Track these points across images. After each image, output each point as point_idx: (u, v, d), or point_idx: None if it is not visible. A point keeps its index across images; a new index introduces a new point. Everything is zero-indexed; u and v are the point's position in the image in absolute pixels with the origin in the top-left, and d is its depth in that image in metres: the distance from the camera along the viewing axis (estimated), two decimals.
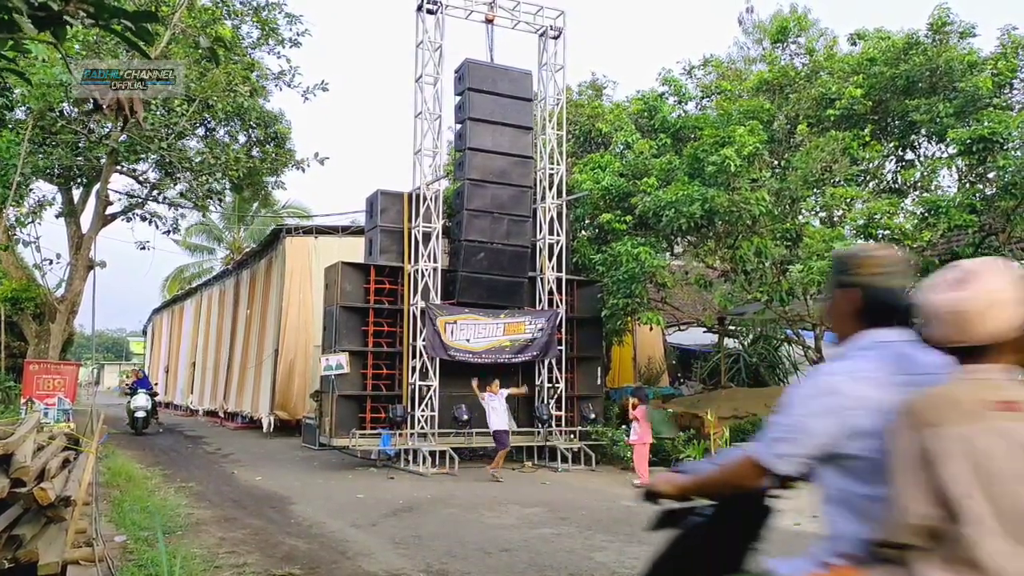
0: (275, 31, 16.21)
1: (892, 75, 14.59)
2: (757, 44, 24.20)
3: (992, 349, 1.88)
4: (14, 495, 5.75)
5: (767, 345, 21.55)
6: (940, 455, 1.79)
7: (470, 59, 14.47)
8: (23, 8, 2.06)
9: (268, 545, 7.28)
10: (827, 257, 12.36)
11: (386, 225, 14.61)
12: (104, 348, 78.68)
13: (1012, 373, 1.89)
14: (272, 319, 20.73)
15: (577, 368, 15.54)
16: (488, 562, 6.71)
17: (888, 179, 16.03)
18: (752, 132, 13.21)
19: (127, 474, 10.77)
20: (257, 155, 17.89)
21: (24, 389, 13.30)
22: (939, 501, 1.78)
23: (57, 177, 17.09)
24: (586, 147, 18.78)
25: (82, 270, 17.42)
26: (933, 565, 1.79)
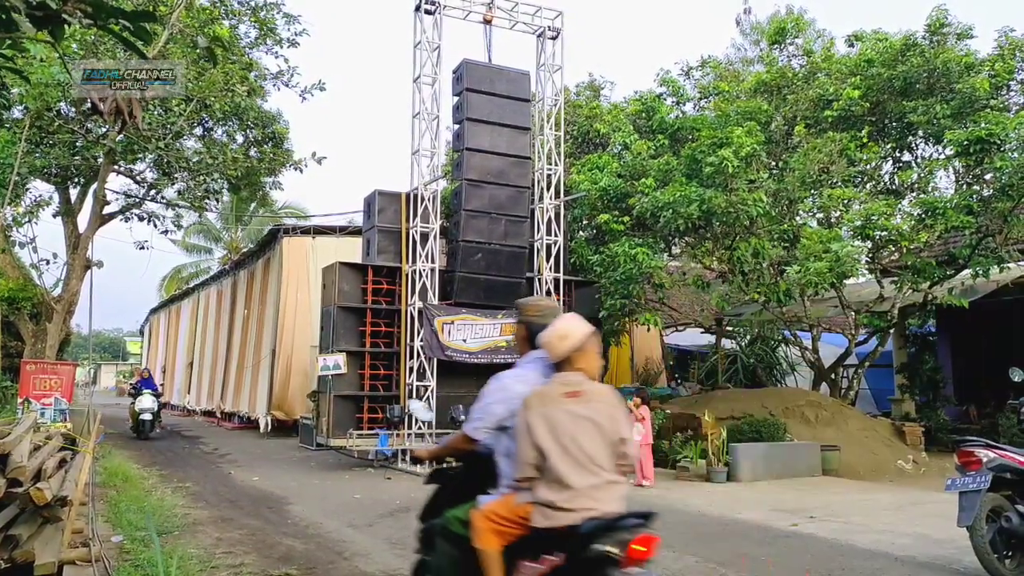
0: (273, 31, 16.19)
1: (889, 76, 14.62)
2: (755, 45, 24.26)
3: (566, 362, 3.44)
4: (11, 495, 5.76)
5: (764, 346, 21.58)
6: (533, 424, 3.30)
7: (468, 59, 14.46)
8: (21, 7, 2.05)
9: (265, 545, 7.28)
10: (824, 258, 12.39)
11: (384, 225, 14.60)
12: (101, 348, 78.58)
13: (580, 375, 3.42)
14: (269, 319, 20.71)
15: None
16: None
17: (885, 180, 16.07)
18: (750, 133, 13.23)
19: (124, 474, 10.75)
20: (255, 155, 17.87)
21: (21, 389, 13.27)
22: (536, 450, 3.29)
23: (54, 177, 17.05)
24: (584, 148, 18.81)
25: (79, 270, 17.38)
26: (540, 485, 3.27)
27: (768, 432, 13.27)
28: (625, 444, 3.39)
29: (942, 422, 16.65)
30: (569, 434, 3.27)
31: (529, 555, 3.29)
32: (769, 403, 14.99)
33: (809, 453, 13.11)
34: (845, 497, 10.78)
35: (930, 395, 17.80)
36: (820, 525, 8.51)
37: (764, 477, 12.28)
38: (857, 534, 7.98)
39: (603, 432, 3.33)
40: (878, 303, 15.31)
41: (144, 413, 18.21)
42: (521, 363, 3.74)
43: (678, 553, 7.04)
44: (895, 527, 8.43)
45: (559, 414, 3.31)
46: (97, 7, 2.12)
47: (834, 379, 17.15)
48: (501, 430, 3.57)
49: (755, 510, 9.54)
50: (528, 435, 3.31)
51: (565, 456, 3.25)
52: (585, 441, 3.28)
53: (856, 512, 9.42)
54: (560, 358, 3.46)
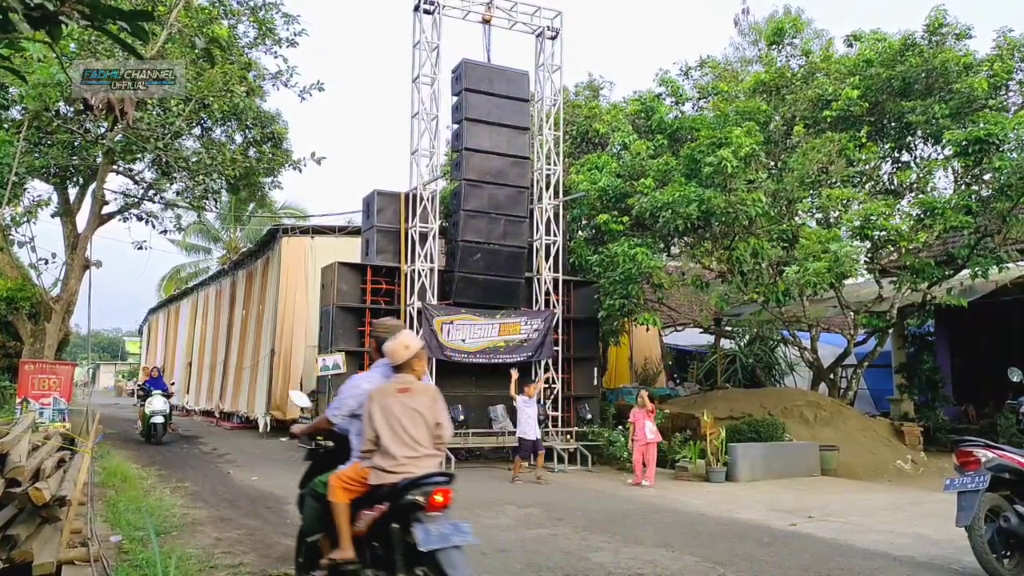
0: (272, 31, 16.17)
1: (888, 76, 14.64)
2: (753, 45, 24.24)
3: (404, 366, 4.61)
4: (9, 495, 5.75)
5: (763, 346, 21.59)
6: (372, 412, 4.47)
7: (467, 59, 14.47)
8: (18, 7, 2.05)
9: (264, 545, 7.26)
10: (823, 258, 12.39)
11: (383, 225, 14.60)
12: (100, 348, 78.51)
13: (412, 376, 4.63)
14: (268, 319, 20.70)
15: (574, 369, 15.55)
16: (484, 562, 6.70)
17: (884, 180, 16.08)
18: (749, 133, 13.23)
19: (122, 474, 10.73)
20: (254, 155, 17.84)
21: (19, 389, 13.26)
22: (374, 430, 4.46)
23: (53, 176, 17.01)
24: (583, 148, 18.81)
25: (78, 270, 17.36)
26: (376, 455, 4.45)
27: (767, 432, 13.28)
28: (441, 428, 4.67)
29: (941, 422, 16.67)
30: (398, 419, 4.53)
31: (366, 506, 4.56)
32: (768, 403, 15.00)
33: (808, 453, 13.12)
34: (844, 497, 10.79)
35: (929, 395, 17.82)
36: (819, 525, 8.52)
37: (763, 477, 12.29)
38: (856, 534, 7.98)
39: (424, 418, 4.60)
40: (877, 303, 15.32)
41: (155, 416, 16.77)
42: (373, 367, 5.01)
43: (677, 553, 7.05)
44: (894, 527, 8.44)
45: (392, 404, 4.56)
46: (94, 7, 2.11)
47: (833, 379, 17.17)
48: (354, 416, 4.77)
49: (754, 510, 9.55)
50: (369, 419, 4.54)
51: (393, 435, 4.50)
52: (409, 425, 4.54)
53: (855, 512, 9.42)
54: (400, 363, 4.66)
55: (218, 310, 27.06)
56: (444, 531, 4.28)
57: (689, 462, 12.74)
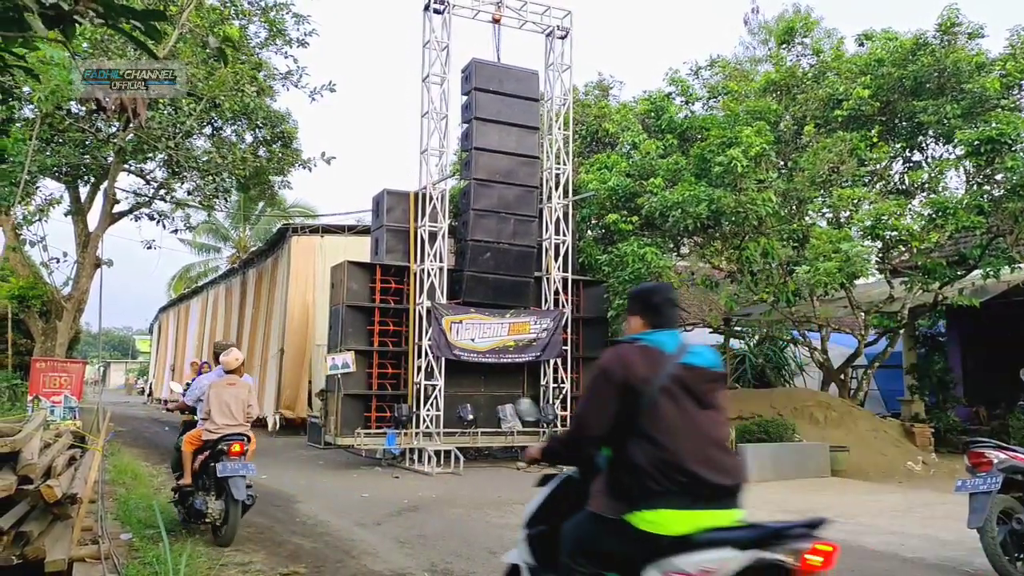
0: (282, 31, 16.21)
1: (900, 76, 14.56)
2: (763, 44, 24.15)
3: (234, 371, 7.82)
4: (21, 492, 5.77)
5: (773, 346, 21.50)
6: (210, 396, 7.62)
7: (477, 59, 14.47)
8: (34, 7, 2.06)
9: (273, 544, 7.29)
10: (834, 258, 12.33)
11: (392, 224, 14.62)
12: (110, 346, 78.93)
13: (236, 376, 7.82)
14: (277, 318, 20.76)
15: (583, 368, 15.53)
16: (493, 562, 6.70)
17: (895, 180, 16.00)
18: (759, 133, 13.19)
19: (132, 472, 10.80)
20: (264, 155, 17.90)
21: (31, 387, 13.34)
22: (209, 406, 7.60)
23: (64, 175, 17.11)
24: (592, 147, 18.78)
25: (89, 268, 17.45)
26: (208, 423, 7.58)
27: (776, 432, 13.23)
28: (251, 408, 7.75)
29: (952, 423, 16.57)
30: (224, 401, 7.57)
31: (202, 453, 7.56)
32: (777, 403, 14.95)
33: (818, 454, 13.07)
34: (854, 498, 10.74)
35: (940, 396, 17.71)
36: (829, 526, 8.47)
37: (772, 477, 12.24)
38: (866, 535, 7.94)
39: (241, 402, 7.65)
40: (888, 303, 15.24)
41: None
42: (213, 371, 8.37)
43: None
44: (904, 528, 8.39)
45: (222, 392, 7.61)
46: (108, 6, 2.12)
47: (843, 380, 17.08)
48: (199, 401, 7.97)
49: (763, 510, 9.51)
50: (207, 401, 7.60)
51: (220, 411, 7.52)
52: (231, 404, 7.59)
53: (865, 513, 9.38)
54: (230, 368, 7.82)
55: (228, 309, 27.17)
56: (235, 466, 7.13)
57: None
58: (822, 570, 2.80)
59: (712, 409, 3.13)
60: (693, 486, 2.93)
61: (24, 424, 7.27)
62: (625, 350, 3.15)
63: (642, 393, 3.02)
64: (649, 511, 2.92)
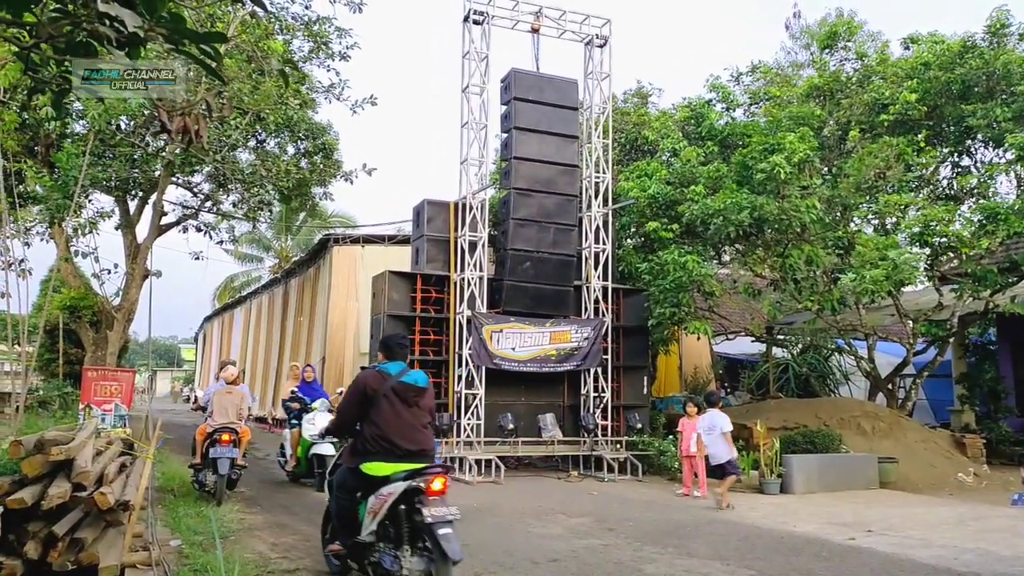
0: (327, 44, 16.45)
1: (947, 79, 14.28)
2: (805, 49, 23.84)
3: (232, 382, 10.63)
4: (75, 499, 5.91)
5: (817, 355, 21.15)
6: (212, 400, 10.28)
7: (516, 69, 14.53)
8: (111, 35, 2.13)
9: (319, 551, 7.34)
10: (881, 266, 12.11)
11: (432, 234, 14.71)
12: (156, 355, 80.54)
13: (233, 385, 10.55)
14: (319, 327, 21.01)
15: (623, 377, 15.44)
16: (536, 572, 6.69)
17: (943, 185, 15.68)
18: (802, 139, 13.02)
19: (181, 479, 10.98)
20: (306, 166, 18.18)
21: (82, 395, 13.64)
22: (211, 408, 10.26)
23: (115, 189, 17.56)
24: (632, 155, 18.72)
25: (138, 279, 17.86)
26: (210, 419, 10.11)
27: (822, 443, 13.01)
28: (241, 410, 10.29)
29: (1004, 434, 16.13)
30: (223, 404, 10.14)
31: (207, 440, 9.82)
32: (823, 414, 14.69)
33: (866, 465, 12.81)
34: (904, 511, 10.50)
35: (991, 406, 17.26)
36: (878, 539, 8.30)
37: (819, 489, 12.03)
38: (917, 549, 7.76)
39: (234, 405, 10.21)
40: (937, 311, 14.91)
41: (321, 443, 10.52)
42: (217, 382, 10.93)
43: (732, 566, 6.93)
44: (957, 542, 8.18)
45: (222, 397, 10.22)
46: (175, 30, 2.19)
47: (891, 389, 16.73)
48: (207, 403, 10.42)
49: (810, 523, 9.35)
50: (210, 403, 10.22)
51: (219, 410, 10.07)
52: (228, 406, 10.13)
53: (915, 526, 9.16)
54: (229, 380, 10.47)
55: (271, 318, 27.56)
56: (222, 450, 9.49)
57: (742, 473, 12.54)
58: (442, 492, 5.22)
59: (415, 407, 5.66)
60: (394, 449, 5.46)
61: (77, 432, 7.46)
62: (368, 373, 5.88)
63: (373, 397, 5.58)
64: (367, 463, 5.47)
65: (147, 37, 2.18)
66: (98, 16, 2.11)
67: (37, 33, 2.31)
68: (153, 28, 2.15)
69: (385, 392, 5.54)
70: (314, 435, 10.48)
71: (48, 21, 2.26)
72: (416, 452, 5.49)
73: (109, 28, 2.12)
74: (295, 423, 12.08)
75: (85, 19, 2.16)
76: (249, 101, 13.48)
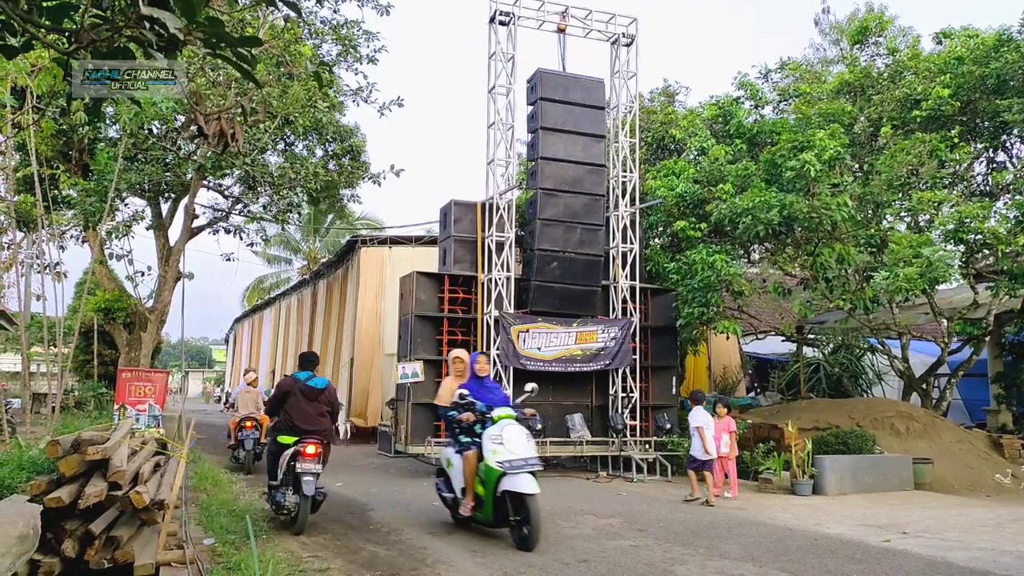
0: (355, 48, 16.58)
1: (982, 74, 14.02)
2: (834, 45, 23.56)
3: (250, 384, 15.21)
4: (111, 498, 6.01)
5: (849, 354, 20.87)
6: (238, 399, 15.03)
7: (542, 69, 14.51)
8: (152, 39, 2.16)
9: (349, 551, 7.41)
10: (915, 263, 11.93)
11: (459, 235, 14.74)
12: (188, 356, 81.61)
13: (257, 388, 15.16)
14: (348, 328, 21.14)
15: (651, 377, 15.35)
16: (566, 572, 6.67)
17: (978, 181, 15.41)
18: (833, 136, 12.86)
19: (213, 478, 11.12)
20: (334, 168, 18.33)
21: (117, 396, 13.85)
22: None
23: (147, 192, 17.84)
24: (659, 154, 18.61)
25: (171, 281, 18.12)
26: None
27: (855, 444, 12.83)
28: (258, 404, 14.20)
29: None
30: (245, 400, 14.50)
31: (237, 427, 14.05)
32: (856, 414, 14.50)
33: (900, 466, 12.62)
34: (939, 512, 10.33)
35: None
36: (914, 541, 8.17)
37: (852, 490, 11.88)
38: (954, 551, 7.62)
39: (252, 401, 14.38)
40: (972, 310, 14.64)
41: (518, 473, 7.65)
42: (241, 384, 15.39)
43: (764, 568, 6.86)
44: (995, 544, 8.02)
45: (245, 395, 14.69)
46: (214, 34, 2.22)
47: (925, 389, 16.47)
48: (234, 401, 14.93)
49: (844, 525, 9.23)
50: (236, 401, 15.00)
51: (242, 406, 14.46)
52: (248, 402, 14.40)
53: (952, 528, 9.01)
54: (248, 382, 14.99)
55: (299, 319, 27.80)
56: (247, 434, 13.59)
57: (773, 474, 12.42)
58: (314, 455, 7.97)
59: (315, 402, 8.30)
60: (295, 428, 8.19)
61: (112, 432, 7.58)
62: (287, 378, 8.71)
63: (288, 395, 8.34)
64: (281, 436, 8.26)
65: (186, 40, 2.21)
66: (138, 20, 2.14)
67: (78, 39, 2.36)
68: (192, 31, 2.18)
69: (294, 392, 8.33)
70: (504, 460, 7.52)
71: (88, 27, 2.30)
72: (309, 431, 8.15)
73: (150, 31, 2.15)
74: (467, 441, 8.22)
75: (124, 24, 2.20)
76: (278, 104, 13.63)
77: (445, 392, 9.01)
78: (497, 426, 7.91)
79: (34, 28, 2.51)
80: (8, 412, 14.06)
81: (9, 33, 2.64)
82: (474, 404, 8.27)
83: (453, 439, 8.58)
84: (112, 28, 2.26)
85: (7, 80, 10.04)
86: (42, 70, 9.14)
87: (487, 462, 7.74)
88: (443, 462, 8.94)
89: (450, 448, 8.67)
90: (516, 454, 7.69)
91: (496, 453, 7.66)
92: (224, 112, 3.65)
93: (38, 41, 2.73)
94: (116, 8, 2.31)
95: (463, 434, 8.33)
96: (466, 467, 8.09)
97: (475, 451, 8.03)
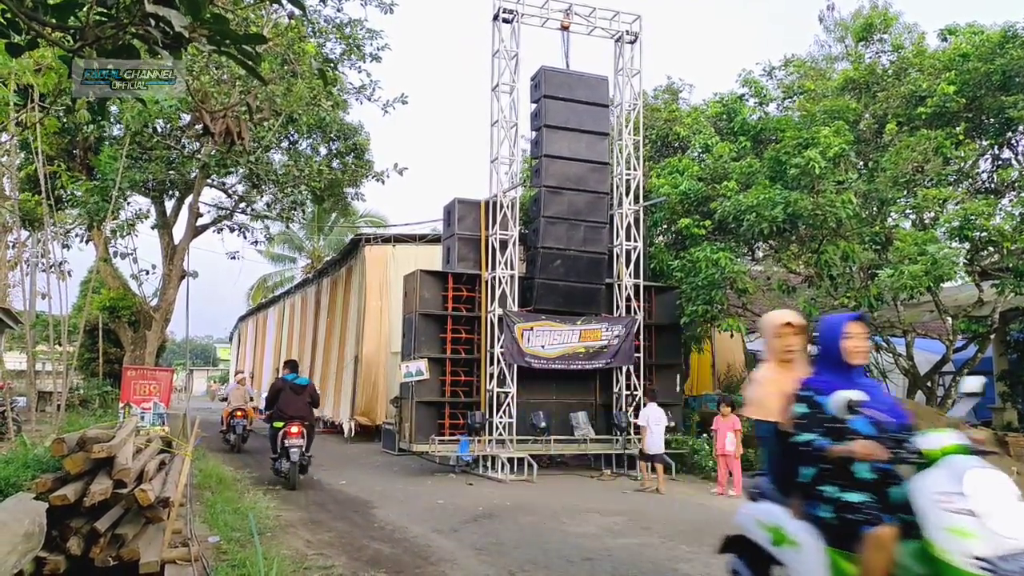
0: (359, 47, 16.57)
1: (987, 71, 13.94)
2: (839, 42, 23.48)
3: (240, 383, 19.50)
4: (116, 496, 6.02)
5: None
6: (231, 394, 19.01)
7: (546, 66, 14.49)
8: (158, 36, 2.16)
9: (353, 548, 7.42)
10: (920, 261, 11.89)
11: (463, 233, 14.74)
12: (193, 354, 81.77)
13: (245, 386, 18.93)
14: (352, 326, 21.15)
15: (656, 375, 15.34)
16: (571, 571, 6.67)
17: (983, 179, 15.33)
18: (837, 133, 12.81)
19: (218, 476, 11.15)
20: (337, 166, 18.33)
21: (122, 394, 13.88)
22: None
23: (151, 191, 17.85)
24: (663, 151, 18.56)
25: (175, 279, 18.15)
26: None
27: None
28: (247, 398, 17.66)
29: None
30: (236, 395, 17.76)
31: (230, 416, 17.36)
32: None
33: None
34: None
35: None
36: None
37: None
38: None
39: (242, 397, 17.47)
40: (977, 307, 14.58)
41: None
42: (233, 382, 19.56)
43: None
44: None
45: (236, 391, 17.94)
46: (219, 32, 2.21)
47: (930, 387, 16.41)
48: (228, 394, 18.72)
49: None
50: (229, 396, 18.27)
51: (234, 400, 17.47)
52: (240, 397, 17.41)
53: None
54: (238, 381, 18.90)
55: (303, 317, 27.81)
56: (238, 421, 16.62)
57: None
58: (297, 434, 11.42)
59: (300, 395, 11.77)
60: (283, 415, 11.59)
61: (117, 430, 7.59)
62: (278, 379, 12.55)
63: (280, 391, 11.87)
64: (275, 422, 11.68)
65: (191, 38, 2.21)
66: (143, 17, 2.15)
67: (82, 36, 2.36)
68: (197, 29, 2.18)
69: (284, 388, 11.78)
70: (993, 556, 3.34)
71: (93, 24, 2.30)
72: (295, 417, 11.48)
73: (155, 29, 2.15)
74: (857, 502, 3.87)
75: (129, 22, 2.20)
76: (282, 102, 13.63)
77: (770, 393, 4.51)
78: (947, 470, 3.74)
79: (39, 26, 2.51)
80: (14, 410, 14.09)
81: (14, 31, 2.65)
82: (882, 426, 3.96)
83: (799, 494, 4.14)
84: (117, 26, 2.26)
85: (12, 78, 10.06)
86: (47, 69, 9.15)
87: (941, 552, 3.45)
88: (752, 529, 4.56)
89: (778, 510, 4.31)
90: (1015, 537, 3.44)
91: (965, 535, 3.44)
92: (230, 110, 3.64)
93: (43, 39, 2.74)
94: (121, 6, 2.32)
95: (844, 487, 3.90)
96: (869, 561, 3.64)
97: (891, 527, 3.69)
